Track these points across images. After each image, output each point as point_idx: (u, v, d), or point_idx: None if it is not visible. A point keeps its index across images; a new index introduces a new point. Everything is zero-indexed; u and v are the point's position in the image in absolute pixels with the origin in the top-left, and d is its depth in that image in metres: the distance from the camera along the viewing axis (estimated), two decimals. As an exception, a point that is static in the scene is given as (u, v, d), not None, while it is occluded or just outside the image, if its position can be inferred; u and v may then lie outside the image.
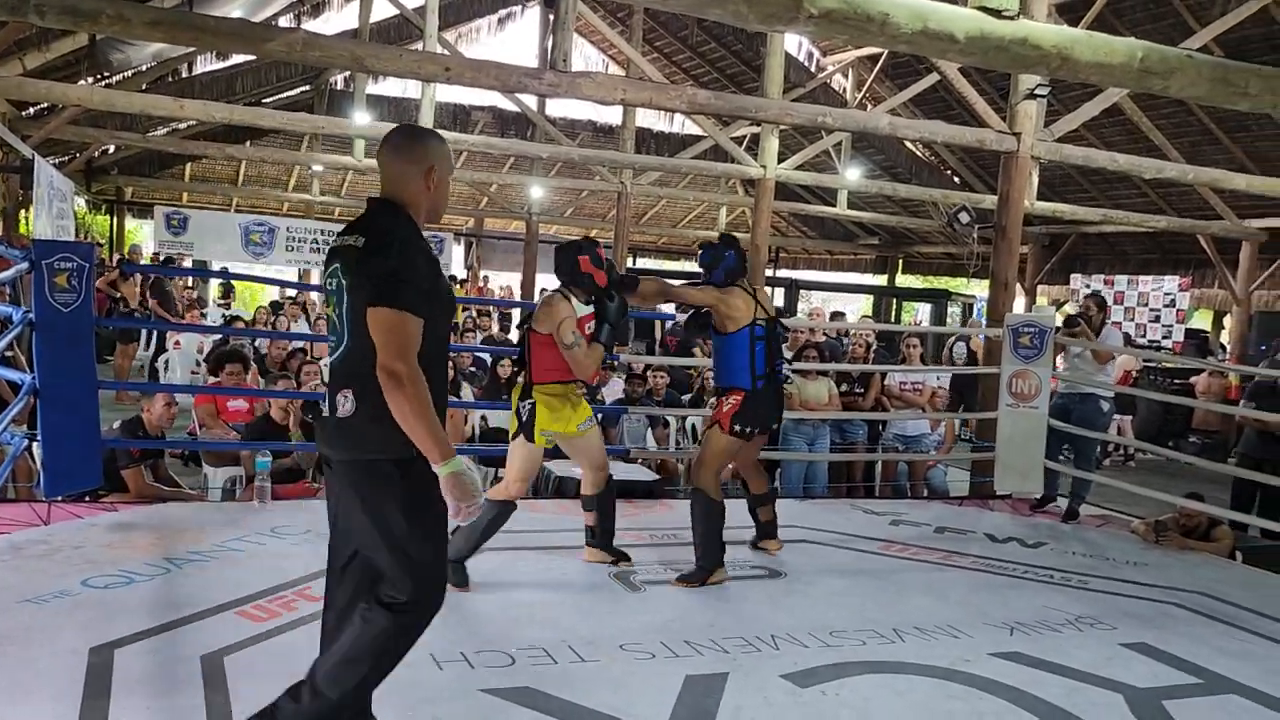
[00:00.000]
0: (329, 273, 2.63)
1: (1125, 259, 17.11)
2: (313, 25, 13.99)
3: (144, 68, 12.67)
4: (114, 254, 18.60)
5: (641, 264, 22.94)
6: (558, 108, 16.28)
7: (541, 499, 6.20)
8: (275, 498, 5.55)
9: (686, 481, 7.54)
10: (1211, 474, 7.69)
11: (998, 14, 4.03)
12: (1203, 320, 18.29)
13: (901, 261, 22.77)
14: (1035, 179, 11.72)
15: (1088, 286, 15.19)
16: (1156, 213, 14.22)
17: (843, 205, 16.65)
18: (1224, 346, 15.39)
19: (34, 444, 5.13)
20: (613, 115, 16.15)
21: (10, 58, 10.17)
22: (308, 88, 16.30)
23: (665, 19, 16.15)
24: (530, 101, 13.78)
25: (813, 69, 16.20)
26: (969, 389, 9.22)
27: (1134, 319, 15.22)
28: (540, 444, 4.55)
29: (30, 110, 12.59)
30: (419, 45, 11.20)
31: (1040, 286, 18.15)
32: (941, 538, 5.97)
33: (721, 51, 16.65)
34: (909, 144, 16.36)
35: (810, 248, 23.64)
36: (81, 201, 18.60)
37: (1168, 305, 15.07)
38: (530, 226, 18.64)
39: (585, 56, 17.86)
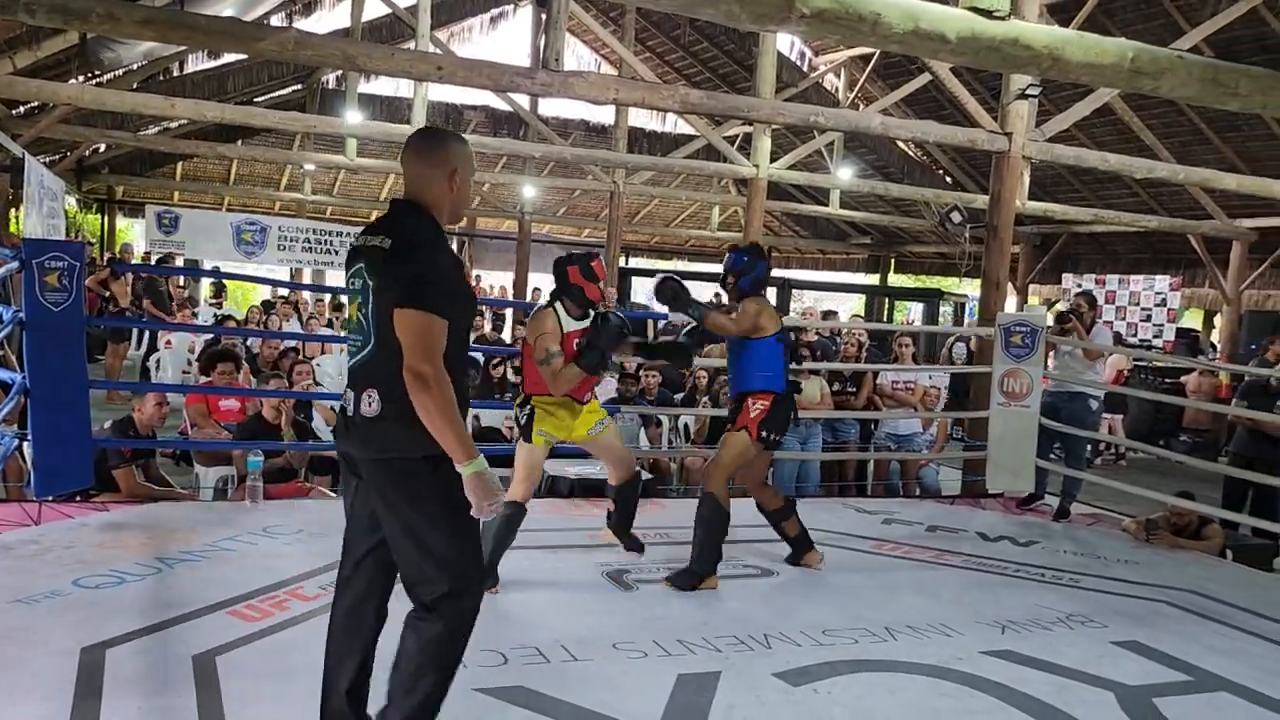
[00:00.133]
0: (353, 273, 2.64)
1: (1116, 258, 17.16)
2: (304, 24, 13.98)
3: (135, 66, 12.61)
4: (105, 253, 18.53)
5: (634, 263, 22.94)
6: (550, 107, 16.30)
7: (535, 499, 6.19)
8: (267, 497, 5.54)
9: (679, 480, 7.56)
10: (1202, 473, 7.71)
11: (989, 14, 4.04)
12: (1193, 320, 18.36)
13: (894, 261, 22.82)
14: (1027, 179, 11.74)
15: (1079, 286, 15.22)
16: (1147, 212, 14.27)
17: (835, 205, 16.67)
18: (1214, 346, 15.45)
19: (25, 444, 5.12)
20: (605, 115, 16.15)
21: (0, 56, 10.12)
22: (299, 87, 16.27)
23: (658, 18, 16.16)
24: (523, 101, 13.76)
25: (805, 69, 16.21)
26: (968, 389, 9.22)
27: (1125, 318, 15.26)
28: (539, 443, 4.56)
29: (21, 109, 12.55)
30: (411, 44, 11.17)
31: (1032, 286, 18.21)
32: (933, 536, 5.99)
33: (714, 51, 16.66)
34: (901, 144, 16.39)
35: (803, 247, 23.66)
36: (72, 200, 18.53)
37: (1159, 304, 15.11)
38: (523, 226, 18.63)
39: (578, 56, 17.86)
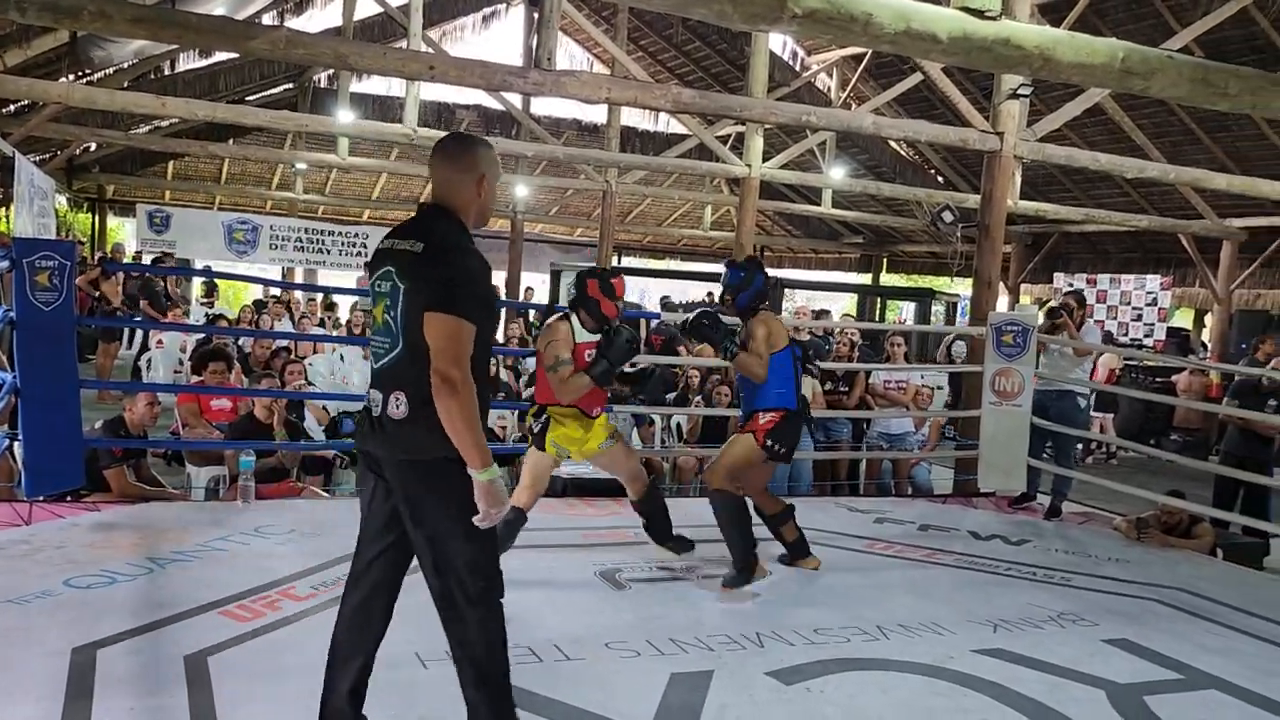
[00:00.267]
0: (380, 275, 2.66)
1: (1107, 258, 17.22)
2: (296, 23, 13.92)
3: (126, 65, 12.57)
4: (95, 252, 18.47)
5: (626, 262, 22.93)
6: (542, 106, 16.27)
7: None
8: (259, 497, 5.53)
9: (672, 480, 7.57)
10: (1193, 472, 7.74)
11: (980, 14, 4.05)
12: (1184, 319, 18.43)
13: (886, 260, 22.85)
14: (1018, 178, 11.77)
15: (1070, 285, 15.28)
16: (1138, 212, 14.32)
17: (827, 204, 16.69)
18: (1205, 345, 15.51)
19: (15, 443, 5.10)
20: (598, 114, 16.14)
21: (-10, 55, 10.09)
22: (291, 86, 16.24)
23: (650, 18, 16.15)
24: (515, 100, 13.76)
25: (797, 68, 16.23)
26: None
27: (1116, 317, 15.31)
28: (551, 453, 4.61)
29: (11, 107, 12.52)
30: (403, 43, 11.17)
31: (1023, 285, 18.26)
32: (925, 535, 6.00)
33: (706, 50, 16.66)
34: (893, 143, 16.42)
35: (795, 246, 23.69)
36: (63, 199, 18.47)
37: (1150, 304, 15.17)
38: (515, 225, 18.61)
39: (570, 55, 17.84)
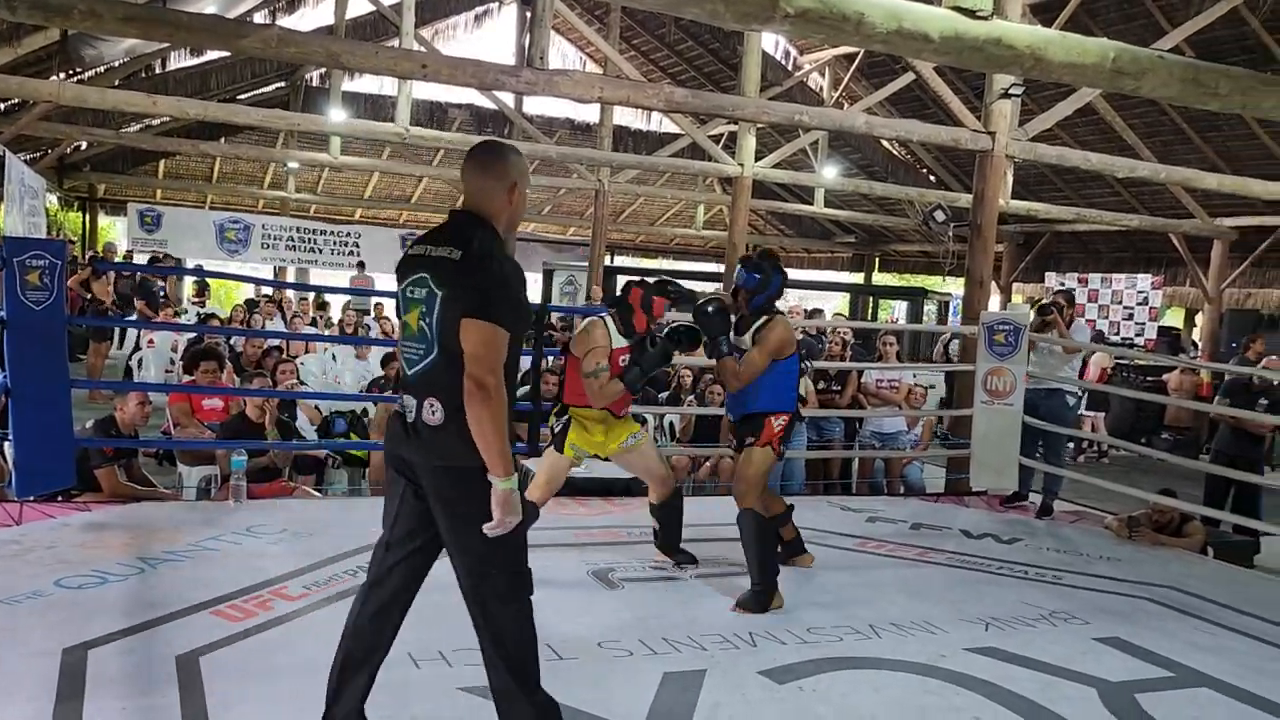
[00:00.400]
0: (413, 281, 2.67)
1: (1099, 257, 17.27)
2: (288, 21, 13.89)
3: (117, 63, 12.54)
4: (86, 251, 18.41)
5: (619, 261, 22.93)
6: (535, 105, 16.28)
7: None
8: (251, 497, 5.52)
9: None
10: (1184, 470, 7.77)
11: (972, 14, 4.06)
12: (1175, 318, 18.48)
13: (878, 260, 22.88)
14: (1010, 178, 11.80)
15: (1062, 284, 15.32)
16: (1129, 212, 14.36)
17: (819, 203, 16.71)
18: (1196, 344, 15.56)
19: (6, 443, 5.08)
20: (590, 113, 16.13)
21: (-20, 53, 10.06)
22: (283, 84, 16.20)
23: (643, 17, 16.15)
24: (507, 99, 13.75)
25: (790, 68, 16.24)
26: None
27: (1108, 316, 15.36)
28: (569, 455, 4.62)
29: (1, 106, 12.46)
30: (395, 42, 11.14)
31: (1015, 285, 18.30)
32: (918, 534, 6.01)
33: (699, 50, 16.67)
34: (885, 143, 16.43)
35: (787, 246, 23.68)
36: (53, 198, 18.40)
37: (1141, 303, 15.21)
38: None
39: (563, 54, 17.83)
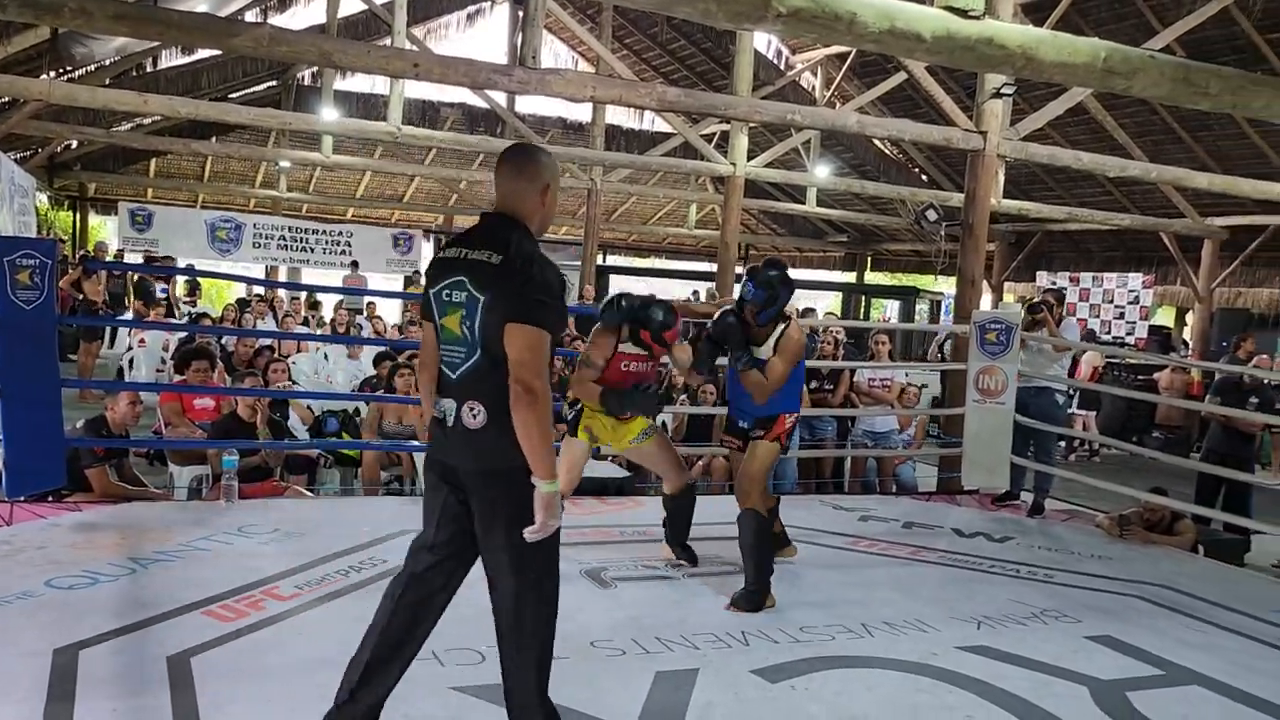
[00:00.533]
0: (449, 284, 2.67)
1: (1090, 256, 17.32)
2: (279, 20, 13.84)
3: (107, 62, 12.50)
4: (76, 250, 18.35)
5: (611, 260, 22.93)
6: (527, 104, 16.24)
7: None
8: (242, 496, 5.50)
9: (656, 479, 7.55)
10: (1175, 469, 7.79)
11: (964, 14, 4.06)
12: (1165, 317, 18.55)
13: (870, 259, 22.92)
14: (1001, 177, 11.82)
15: (1053, 283, 15.37)
16: (1120, 211, 14.41)
17: (812, 203, 16.72)
18: (1186, 343, 15.62)
19: (-4, 443, 5.05)
20: (582, 112, 16.14)
21: (-30, 51, 10.01)
22: (274, 83, 16.17)
23: (635, 16, 16.15)
24: (500, 98, 13.72)
25: (782, 67, 16.26)
26: None
27: (1099, 315, 15.41)
28: (583, 438, 4.66)
29: (-10, 105, 12.40)
30: (387, 41, 11.13)
31: (1007, 284, 18.36)
32: (910, 533, 6.02)
33: (691, 49, 16.67)
34: (877, 142, 16.45)
35: (780, 245, 23.71)
36: (44, 197, 18.35)
37: (1132, 302, 15.27)
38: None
39: (555, 53, 17.84)
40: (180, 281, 16.19)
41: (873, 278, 22.98)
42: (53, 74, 11.15)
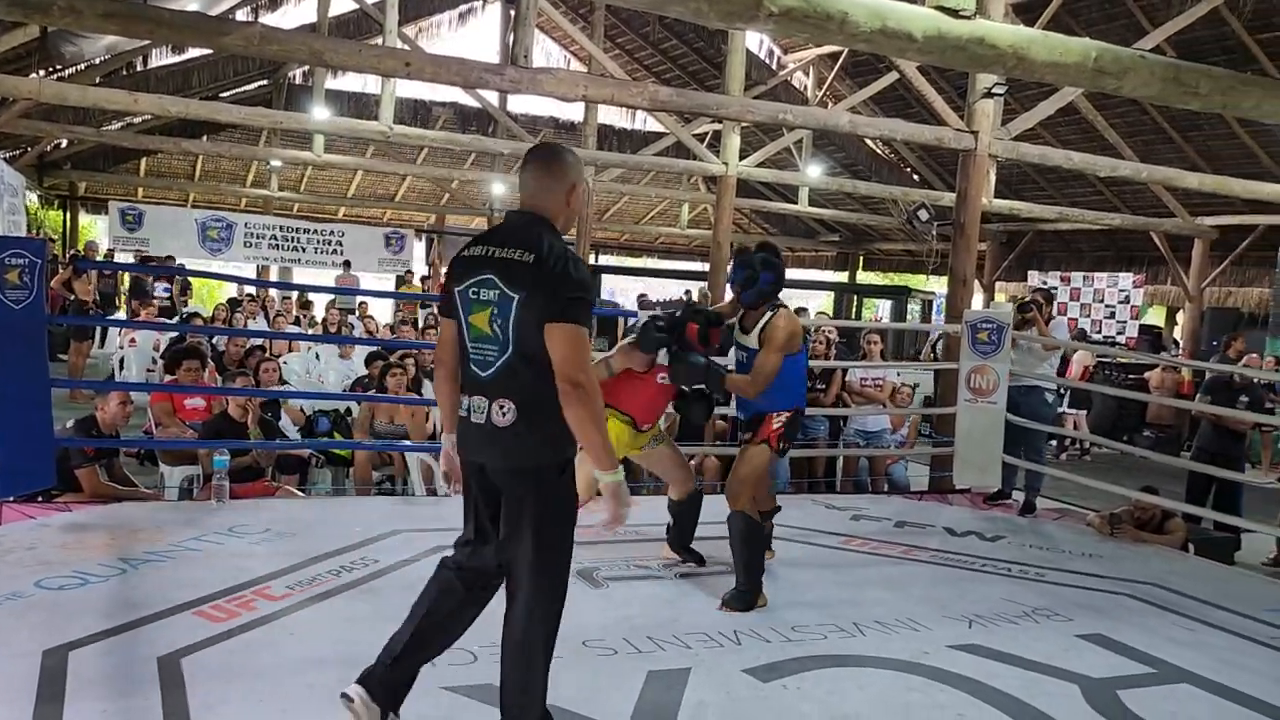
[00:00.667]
0: (477, 282, 2.68)
1: (1081, 256, 17.37)
2: (270, 19, 13.82)
3: (97, 61, 12.43)
4: (67, 250, 18.28)
5: (603, 260, 22.92)
6: (519, 104, 16.26)
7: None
8: (233, 496, 5.48)
9: (649, 477, 7.56)
10: (1165, 468, 7.82)
11: (955, 14, 4.07)
12: (1156, 316, 18.61)
13: (862, 258, 22.96)
14: (993, 177, 11.86)
15: (1044, 283, 15.41)
16: (1111, 210, 14.45)
17: (804, 202, 16.75)
18: (1177, 342, 15.67)
19: (-15, 443, 5.03)
20: (575, 112, 16.13)
21: (-41, 50, 9.96)
22: (266, 82, 16.13)
23: (627, 16, 16.16)
24: (492, 97, 13.72)
25: (774, 66, 16.28)
26: None
27: (1090, 315, 15.46)
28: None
29: (-20, 103, 12.34)
30: (379, 40, 11.09)
31: (999, 283, 18.39)
32: (902, 532, 6.03)
33: (683, 49, 16.68)
34: (869, 142, 16.49)
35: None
36: (33, 197, 18.27)
37: (1122, 301, 15.31)
38: (492, 223, 18.56)
39: (547, 53, 17.83)
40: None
41: (864, 277, 23.02)
42: (42, 72, 11.10)
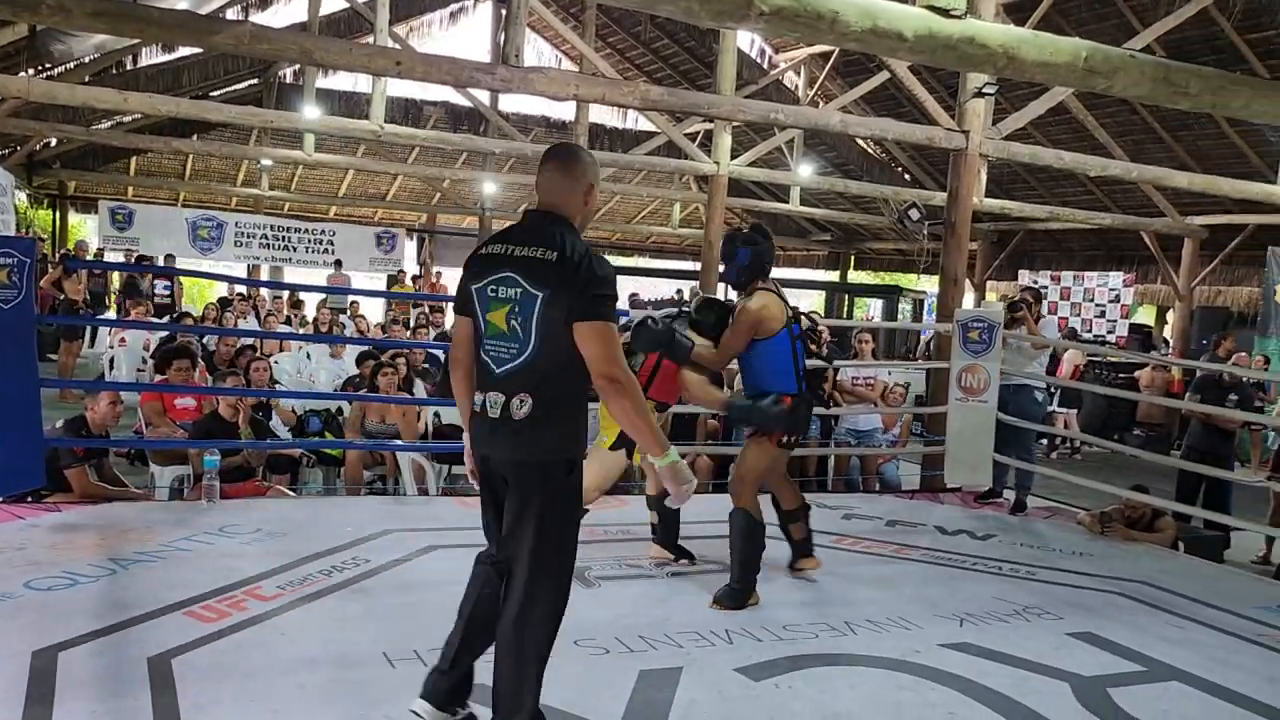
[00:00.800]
0: (496, 280, 2.69)
1: (1071, 255, 17.42)
2: (261, 18, 13.77)
3: (87, 59, 12.40)
4: (56, 250, 18.22)
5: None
6: (510, 103, 16.22)
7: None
8: (224, 496, 5.47)
9: (642, 476, 7.56)
10: (1156, 466, 7.84)
11: (945, 13, 4.07)
12: (1146, 315, 18.68)
13: (853, 258, 22.99)
14: (984, 176, 11.88)
15: (1034, 282, 15.45)
16: (1101, 210, 14.50)
17: (795, 202, 16.75)
18: (1167, 341, 15.73)
19: (-27, 444, 5.01)
20: (566, 111, 16.11)
21: (-53, 49, 9.93)
22: (256, 81, 16.09)
23: (618, 15, 16.14)
24: (483, 97, 13.70)
25: (765, 66, 16.29)
26: None
27: (1080, 314, 15.50)
28: (604, 446, 4.51)
29: (-32, 102, 12.28)
30: (369, 39, 11.08)
31: (989, 282, 18.44)
32: (893, 531, 6.04)
33: (675, 48, 16.68)
34: (860, 141, 16.51)
35: (764, 244, 23.77)
36: (22, 196, 18.19)
37: (1112, 300, 15.36)
38: (483, 222, 18.57)
39: (538, 52, 17.83)
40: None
41: (856, 276, 23.06)
42: (31, 71, 11.07)
